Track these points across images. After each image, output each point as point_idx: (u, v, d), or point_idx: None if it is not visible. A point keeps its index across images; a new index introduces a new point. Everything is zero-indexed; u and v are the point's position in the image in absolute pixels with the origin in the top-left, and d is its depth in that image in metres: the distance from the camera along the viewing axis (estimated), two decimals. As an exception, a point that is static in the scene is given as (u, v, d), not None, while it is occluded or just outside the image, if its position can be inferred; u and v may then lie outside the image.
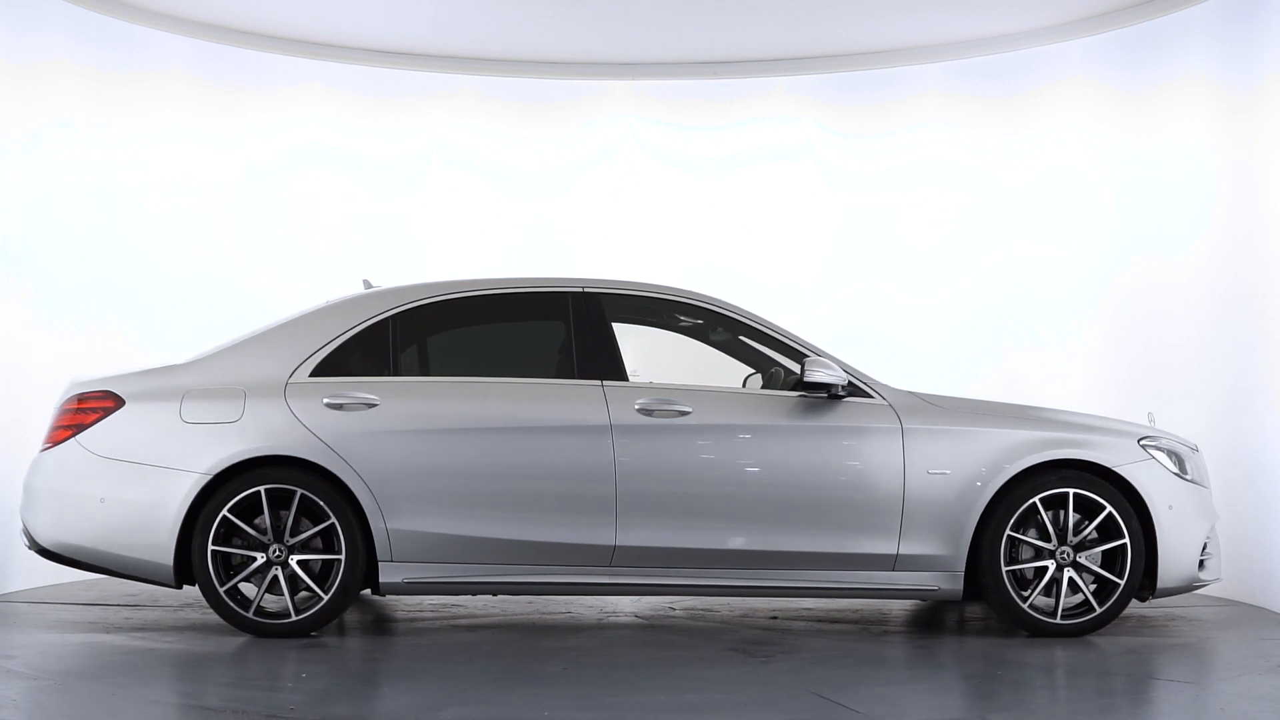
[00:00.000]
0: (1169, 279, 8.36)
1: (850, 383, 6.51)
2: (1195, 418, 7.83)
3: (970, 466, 6.42)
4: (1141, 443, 6.58)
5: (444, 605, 7.50)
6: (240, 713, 4.89)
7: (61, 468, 6.55)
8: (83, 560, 6.56)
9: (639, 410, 6.43)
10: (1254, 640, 6.60)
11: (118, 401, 6.55)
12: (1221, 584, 6.79)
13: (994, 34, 9.21)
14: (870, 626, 6.79)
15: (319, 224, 9.72)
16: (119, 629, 6.70)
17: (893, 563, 6.39)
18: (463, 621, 7.00)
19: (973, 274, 9.45)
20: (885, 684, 5.53)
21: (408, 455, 6.38)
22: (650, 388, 6.54)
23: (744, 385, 6.89)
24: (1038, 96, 9.24)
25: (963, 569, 6.38)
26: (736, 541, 6.39)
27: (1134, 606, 7.33)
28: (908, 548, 6.39)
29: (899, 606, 7.46)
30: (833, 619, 6.99)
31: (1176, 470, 6.59)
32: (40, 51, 8.17)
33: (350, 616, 7.12)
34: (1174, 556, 6.48)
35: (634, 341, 7.25)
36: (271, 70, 9.52)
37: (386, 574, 6.36)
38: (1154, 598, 6.58)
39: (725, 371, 6.99)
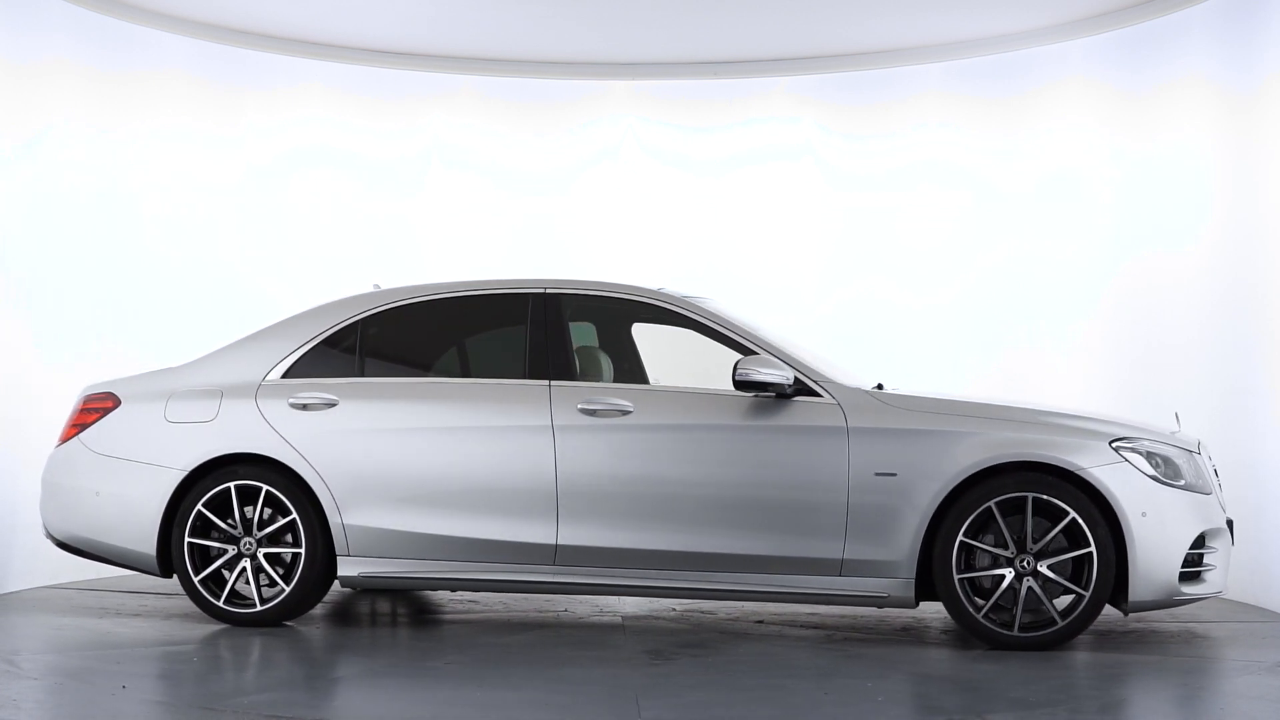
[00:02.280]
0: (1169, 279, 8.36)
1: (797, 380, 6.33)
2: (1195, 417, 7.81)
3: (919, 468, 6.15)
4: (1114, 444, 6.16)
5: (456, 601, 7.59)
6: (240, 713, 4.89)
7: (67, 463, 7.02)
8: (85, 550, 7.00)
9: (580, 410, 6.46)
10: (1254, 640, 6.60)
11: (116, 402, 7.01)
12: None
13: (994, 34, 9.21)
14: (835, 634, 6.60)
15: (319, 224, 9.72)
16: (118, 625, 6.72)
17: (839, 567, 6.20)
18: (449, 616, 7.05)
19: (973, 274, 9.45)
20: (732, 690, 5.33)
21: (363, 453, 6.61)
22: (596, 387, 6.55)
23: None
24: (1038, 96, 9.24)
25: (913, 575, 6.14)
26: (676, 543, 6.33)
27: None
28: (854, 552, 6.18)
29: (931, 615, 7.09)
30: (814, 625, 6.85)
31: (1156, 473, 6.15)
32: (40, 51, 8.17)
33: (370, 607, 7.14)
34: (1148, 567, 6.03)
35: (659, 342, 7.18)
36: (271, 70, 9.52)
37: (344, 568, 6.60)
38: (1129, 612, 6.18)
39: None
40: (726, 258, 9.87)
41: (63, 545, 7.06)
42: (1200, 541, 6.21)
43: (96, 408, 7.03)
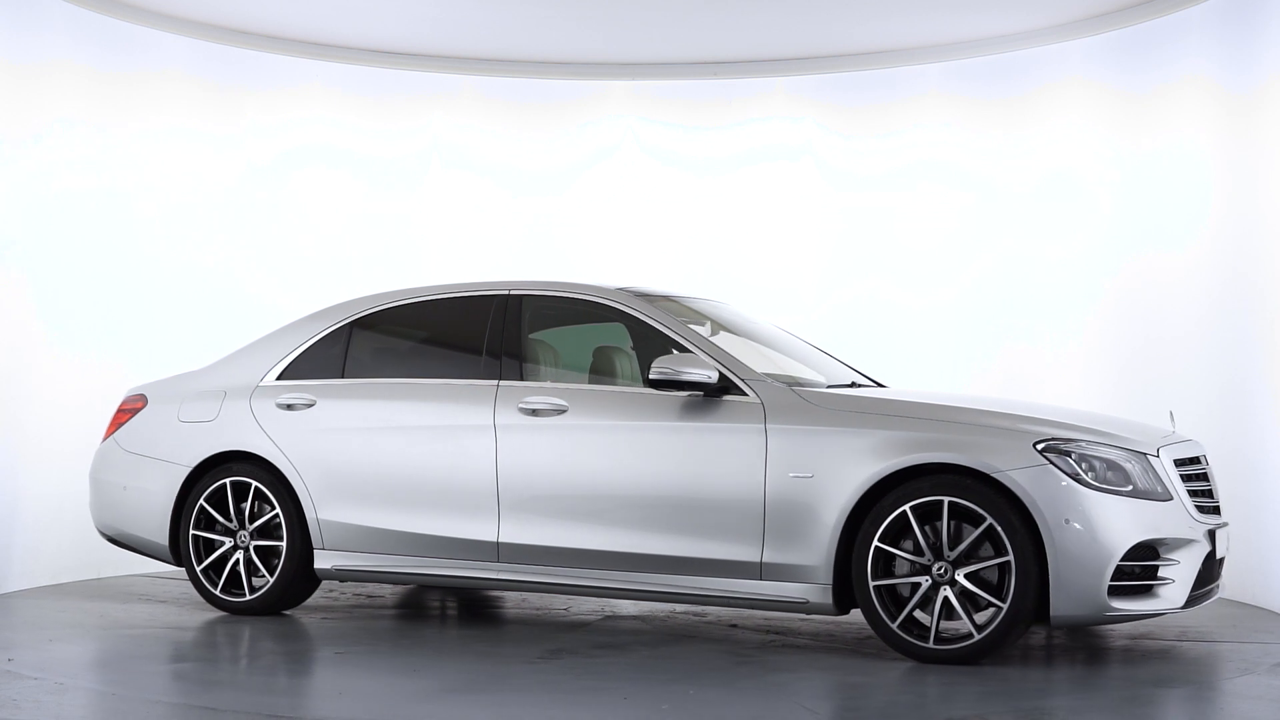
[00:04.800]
0: (1168, 278, 8.36)
1: (723, 377, 6.17)
2: (1194, 416, 7.82)
3: (833, 470, 5.89)
4: (1040, 445, 5.71)
5: (494, 596, 7.76)
6: (241, 713, 4.90)
7: (104, 460, 7.54)
8: (119, 541, 7.49)
9: (521, 410, 6.51)
10: (1253, 640, 6.60)
11: (145, 402, 7.51)
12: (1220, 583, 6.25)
13: (994, 34, 9.21)
14: (777, 639, 6.43)
15: (319, 224, 9.72)
16: (116, 623, 6.74)
17: (758, 571, 6.02)
18: (454, 611, 7.08)
19: (972, 273, 9.45)
20: (557, 691, 5.32)
21: (334, 451, 6.89)
22: (539, 387, 6.57)
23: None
24: (1037, 97, 9.24)
25: (830, 581, 5.87)
26: (606, 542, 6.29)
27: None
28: (772, 556, 5.98)
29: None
30: (778, 630, 6.73)
31: (1088, 478, 5.66)
32: (40, 51, 8.17)
33: (440, 602, 7.18)
34: (1070, 579, 5.55)
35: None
36: (271, 70, 9.52)
37: (320, 561, 6.91)
38: (1054, 626, 5.73)
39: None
40: (726, 258, 9.87)
41: (108, 538, 7.55)
42: (1149, 553, 5.73)
43: (129, 408, 7.52)
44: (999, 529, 5.63)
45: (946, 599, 5.70)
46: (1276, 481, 7.42)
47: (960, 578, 5.69)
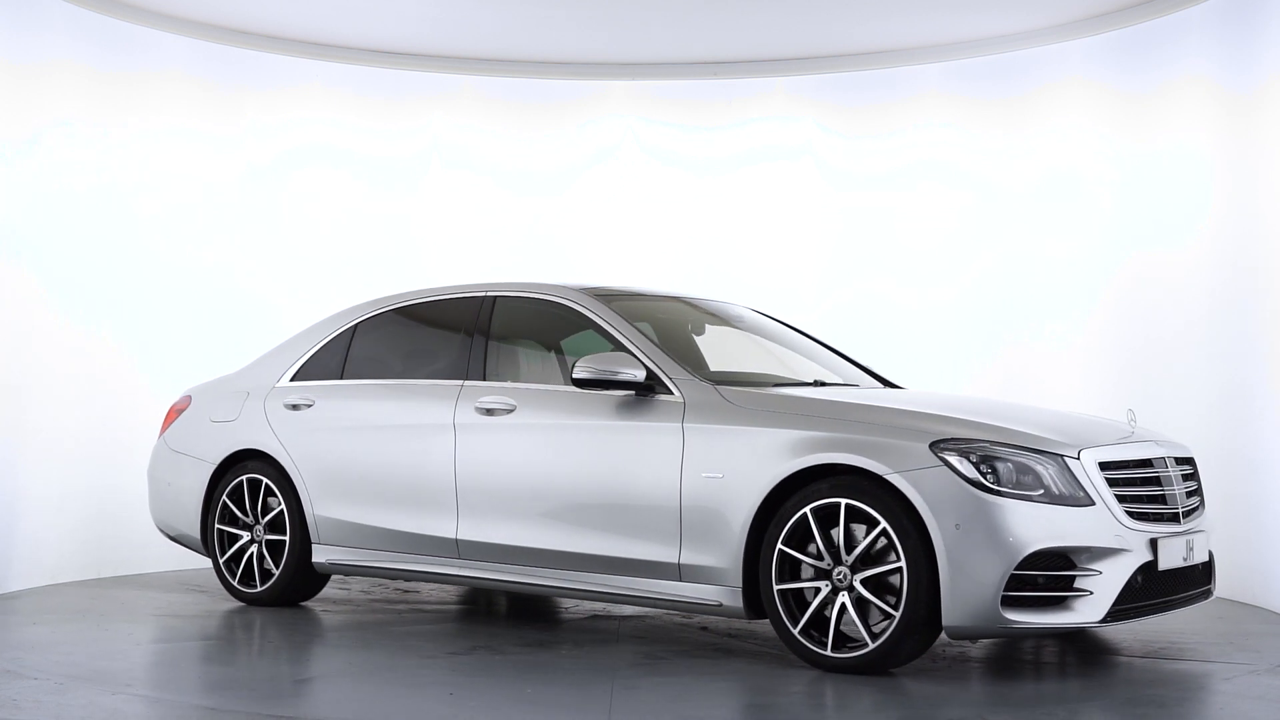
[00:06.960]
0: (1167, 278, 8.36)
1: (650, 375, 6.06)
2: (1194, 414, 7.83)
3: (740, 470, 5.72)
4: (936, 445, 5.40)
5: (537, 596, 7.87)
6: (242, 713, 4.90)
7: (155, 458, 7.90)
8: (170, 535, 7.79)
9: (477, 409, 6.58)
10: (1253, 640, 6.60)
11: (189, 403, 7.84)
12: (1220, 583, 6.18)
13: (994, 34, 9.21)
14: (722, 644, 6.33)
15: (319, 224, 9.73)
16: (118, 624, 6.74)
17: (677, 572, 5.91)
18: (430, 608, 7.08)
19: (973, 273, 9.45)
20: (435, 685, 5.38)
21: (325, 449, 7.11)
22: (497, 387, 6.62)
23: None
24: (1037, 97, 9.24)
25: (739, 585, 5.72)
26: (549, 540, 6.28)
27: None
28: (689, 557, 5.85)
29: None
30: (746, 634, 6.61)
31: (986, 481, 5.29)
32: (40, 51, 8.17)
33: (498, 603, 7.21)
34: (962, 587, 5.23)
35: (725, 343, 7.08)
36: (271, 70, 9.52)
37: (316, 555, 7.15)
38: (950, 636, 5.38)
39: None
40: (726, 258, 9.87)
41: (169, 537, 7.83)
42: (1061, 562, 5.33)
43: (178, 409, 7.87)
44: (892, 533, 5.37)
45: (844, 605, 5.48)
46: (1276, 481, 7.42)
47: (857, 583, 5.47)
